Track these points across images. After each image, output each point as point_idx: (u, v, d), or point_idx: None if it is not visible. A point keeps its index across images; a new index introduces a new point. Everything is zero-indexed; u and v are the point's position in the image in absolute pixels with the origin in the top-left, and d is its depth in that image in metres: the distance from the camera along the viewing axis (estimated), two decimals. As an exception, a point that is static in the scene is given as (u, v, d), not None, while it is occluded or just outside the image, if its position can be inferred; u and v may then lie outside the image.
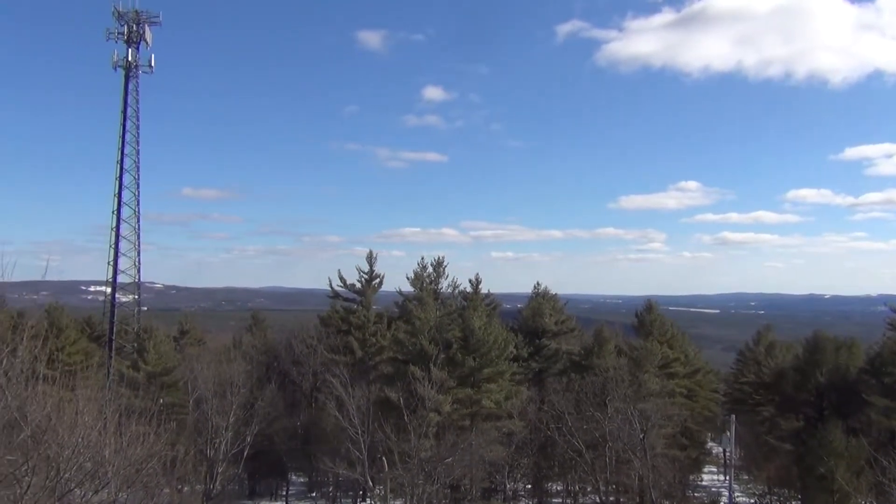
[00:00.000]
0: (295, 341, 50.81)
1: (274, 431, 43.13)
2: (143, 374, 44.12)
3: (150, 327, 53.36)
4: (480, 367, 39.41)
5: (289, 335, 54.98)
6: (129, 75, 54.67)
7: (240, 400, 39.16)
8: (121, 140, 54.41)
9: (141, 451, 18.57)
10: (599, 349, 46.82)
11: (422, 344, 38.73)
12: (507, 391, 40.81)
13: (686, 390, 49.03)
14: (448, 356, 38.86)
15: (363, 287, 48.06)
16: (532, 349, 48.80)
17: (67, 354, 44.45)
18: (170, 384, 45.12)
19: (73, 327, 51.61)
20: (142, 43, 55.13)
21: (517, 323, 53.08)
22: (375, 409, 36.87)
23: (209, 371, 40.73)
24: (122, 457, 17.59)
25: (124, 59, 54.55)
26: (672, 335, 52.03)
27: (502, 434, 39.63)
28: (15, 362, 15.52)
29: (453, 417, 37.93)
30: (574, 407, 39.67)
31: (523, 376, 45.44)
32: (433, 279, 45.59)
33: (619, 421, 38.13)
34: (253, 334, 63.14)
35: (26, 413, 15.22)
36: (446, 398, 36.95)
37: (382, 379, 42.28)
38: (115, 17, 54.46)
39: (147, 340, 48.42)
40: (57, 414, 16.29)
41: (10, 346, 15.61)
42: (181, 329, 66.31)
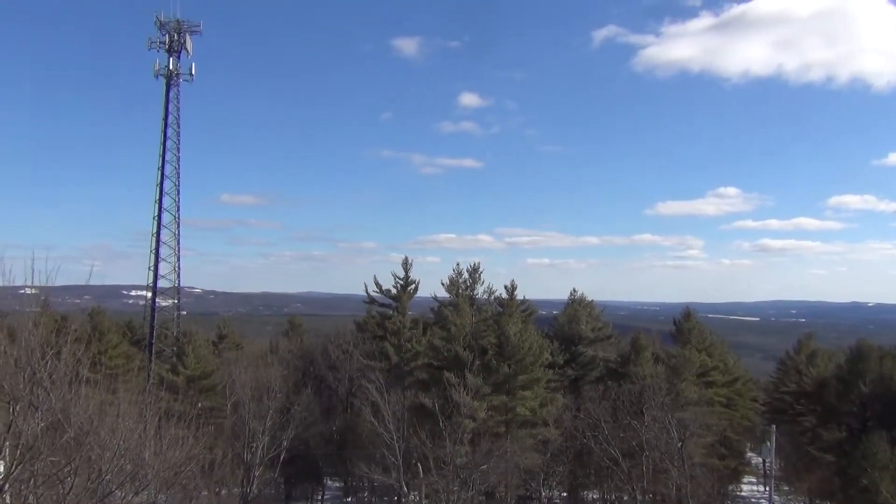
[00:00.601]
0: (331, 346, 51.10)
1: (310, 436, 43.37)
2: (183, 378, 44.72)
3: (189, 332, 54.10)
4: (516, 373, 39.25)
5: (325, 340, 55.31)
6: (170, 84, 55.58)
7: (276, 404, 39.45)
8: (162, 147, 55.34)
9: (180, 453, 18.85)
10: (636, 357, 46.33)
11: (457, 350, 38.68)
12: (543, 398, 40.57)
13: (725, 399, 48.32)
14: (483, 362, 38.76)
15: (399, 293, 48.18)
16: (568, 356, 48.46)
17: (109, 358, 45.12)
18: (208, 388, 45.68)
19: (115, 331, 52.42)
20: (182, 52, 56.01)
21: (553, 330, 52.79)
22: (411, 415, 36.88)
23: (246, 375, 41.12)
24: (161, 459, 17.86)
25: (165, 67, 55.47)
26: (711, 343, 51.34)
27: (538, 441, 39.39)
28: (59, 365, 15.83)
29: (488, 424, 37.79)
30: (610, 415, 39.30)
31: (559, 383, 45.13)
32: (469, 285, 45.51)
33: (656, 429, 37.69)
34: (289, 339, 63.71)
35: (70, 415, 15.52)
36: (481, 405, 36.84)
37: (418, 385, 42.30)
38: (157, 26, 55.44)
39: (186, 345, 49.13)
40: (99, 416, 16.61)
41: (54, 350, 15.92)
42: (219, 334, 67.10)
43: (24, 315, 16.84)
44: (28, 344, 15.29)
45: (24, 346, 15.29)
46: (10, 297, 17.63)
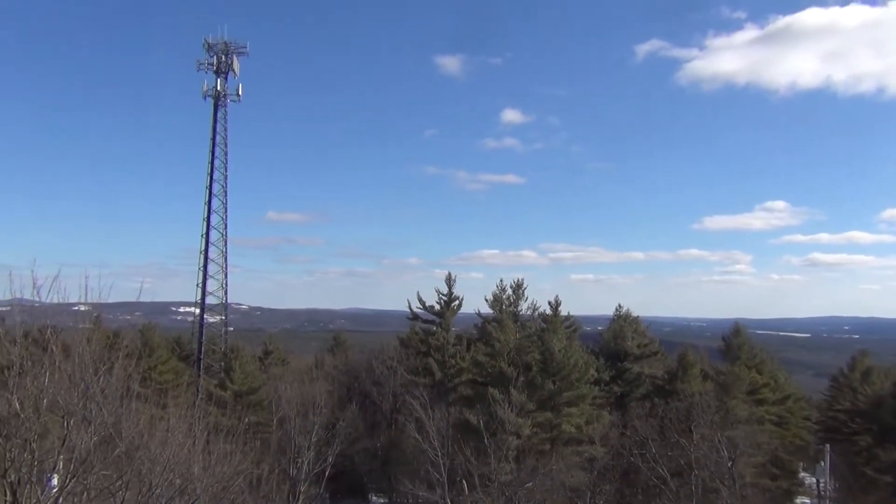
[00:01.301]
0: (375, 362, 51.28)
1: (355, 452, 43.46)
2: (230, 393, 45.25)
3: (236, 347, 54.76)
4: (560, 390, 38.91)
5: (369, 356, 55.53)
6: (217, 104, 56.68)
7: (322, 420, 39.64)
8: (210, 166, 56.38)
9: (228, 468, 19.04)
10: (684, 373, 45.59)
11: (501, 366, 38.52)
12: (588, 415, 40.13)
13: (776, 417, 47.18)
14: (528, 379, 38.52)
15: (442, 309, 48.21)
16: (614, 372, 47.90)
17: (159, 373, 45.85)
18: (255, 403, 46.12)
19: (165, 347, 53.31)
20: (230, 73, 57.08)
21: (598, 346, 52.27)
22: (455, 432, 36.77)
23: (292, 391, 41.39)
24: (210, 474, 18.06)
25: (213, 88, 56.59)
26: (761, 360, 50.28)
27: (583, 459, 38.94)
28: (111, 380, 16.15)
29: (533, 441, 37.50)
30: (658, 433, 38.67)
31: (605, 400, 44.61)
32: (512, 301, 45.38)
33: (705, 448, 36.96)
34: (334, 355, 64.07)
35: (121, 429, 15.80)
36: (526, 421, 36.60)
37: (462, 401, 42.19)
38: (206, 48, 56.63)
39: (234, 360, 49.74)
40: (149, 431, 16.87)
41: (106, 365, 16.26)
42: (265, 349, 67.77)
43: (78, 331, 17.25)
44: (82, 359, 15.64)
45: (77, 361, 15.65)
46: (65, 313, 18.07)
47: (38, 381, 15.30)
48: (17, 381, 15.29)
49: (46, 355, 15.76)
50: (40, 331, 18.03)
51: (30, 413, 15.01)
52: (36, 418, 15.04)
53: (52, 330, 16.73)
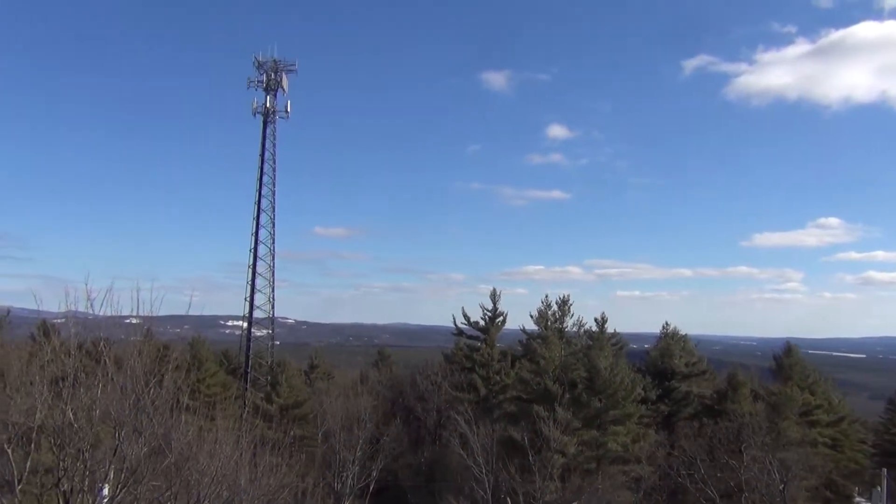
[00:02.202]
0: (420, 378, 51.30)
1: (399, 467, 43.43)
2: (276, 407, 45.65)
3: (282, 361, 55.29)
4: (607, 408, 38.43)
5: (413, 371, 55.55)
6: (266, 121, 57.53)
7: (366, 434, 39.75)
8: (259, 182, 57.17)
9: (274, 481, 19.22)
10: (734, 393, 44.72)
11: (546, 383, 38.21)
12: (635, 434, 39.55)
13: (830, 440, 45.91)
14: (573, 396, 38.13)
15: (487, 325, 48.06)
16: (661, 391, 47.18)
17: (207, 386, 46.43)
18: (300, 417, 46.44)
19: (213, 360, 54.00)
20: (279, 90, 57.96)
21: (645, 364, 51.58)
22: (500, 449, 36.52)
23: (337, 405, 41.63)
24: (256, 486, 18.24)
25: (263, 105, 57.48)
26: (814, 380, 49.06)
27: (630, 479, 38.34)
28: (161, 392, 16.43)
29: (579, 460, 37.05)
30: (707, 453, 37.91)
31: (651, 419, 43.95)
32: (558, 318, 45.03)
33: (756, 470, 36.10)
34: (379, 370, 64.22)
35: (171, 441, 16.05)
36: (571, 439, 36.19)
37: (506, 418, 41.92)
38: (256, 66, 57.65)
39: (280, 374, 50.23)
40: (198, 443, 17.10)
41: (157, 377, 16.55)
42: (311, 363, 68.24)
43: (129, 343, 17.61)
44: (133, 371, 15.95)
45: (129, 373, 15.96)
46: (117, 326, 18.47)
47: (92, 392, 15.65)
48: (72, 392, 15.66)
49: (99, 367, 16.11)
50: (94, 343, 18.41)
51: (83, 423, 15.34)
52: (89, 429, 15.36)
53: (105, 342, 17.09)
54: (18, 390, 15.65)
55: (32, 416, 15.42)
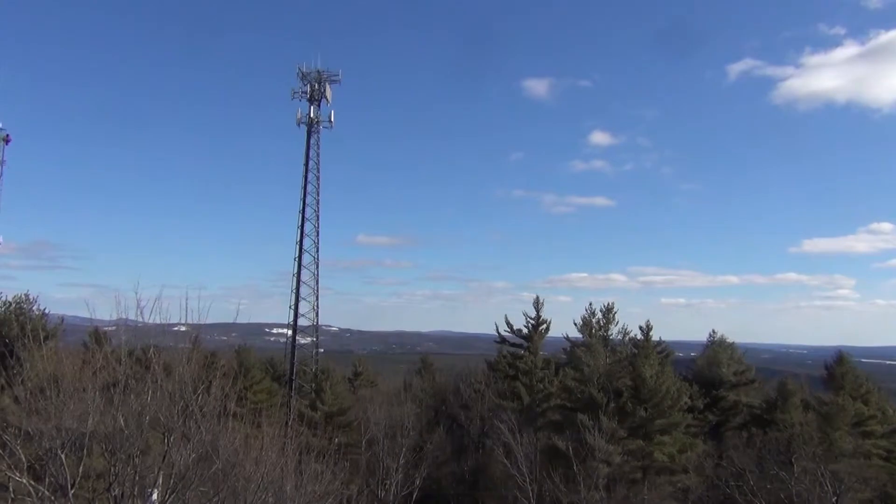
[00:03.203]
0: (463, 385, 51.22)
1: (442, 475, 43.38)
2: (321, 414, 45.95)
3: (327, 369, 55.64)
4: (653, 417, 37.92)
5: (457, 379, 55.49)
6: (310, 131, 58.10)
7: (410, 442, 39.83)
8: (303, 191, 57.69)
9: (319, 488, 19.34)
10: (783, 403, 43.76)
11: (591, 392, 37.87)
12: (682, 444, 38.94)
13: (885, 452, 44.57)
14: (618, 405, 37.72)
15: (530, 332, 47.81)
16: (708, 400, 46.41)
17: (253, 393, 46.89)
18: (344, 424, 46.68)
19: (258, 367, 54.57)
20: (322, 100, 58.53)
21: (691, 372, 50.83)
22: (543, 457, 36.29)
23: (381, 412, 41.79)
24: (301, 493, 18.37)
25: (307, 116, 58.11)
26: (867, 390, 47.74)
27: (677, 489, 37.76)
28: (209, 399, 16.69)
29: (624, 469, 36.61)
30: (756, 464, 37.11)
31: (699, 429, 43.25)
32: (602, 325, 44.59)
33: (807, 482, 35.22)
34: (422, 377, 64.26)
35: (218, 447, 16.27)
36: (616, 449, 35.78)
37: (550, 426, 41.62)
38: (300, 77, 58.31)
39: (324, 381, 50.56)
40: (244, 449, 17.31)
41: (205, 384, 16.81)
42: (355, 371, 68.60)
43: (178, 351, 17.92)
44: (182, 378, 16.23)
45: (178, 380, 16.24)
46: (166, 333, 18.80)
47: (142, 398, 15.96)
48: (122, 399, 15.98)
49: (149, 374, 16.42)
50: (143, 350, 18.79)
51: (133, 429, 15.64)
52: (139, 434, 15.66)
53: (154, 349, 17.42)
54: (72, 396, 16.02)
55: (85, 422, 15.77)
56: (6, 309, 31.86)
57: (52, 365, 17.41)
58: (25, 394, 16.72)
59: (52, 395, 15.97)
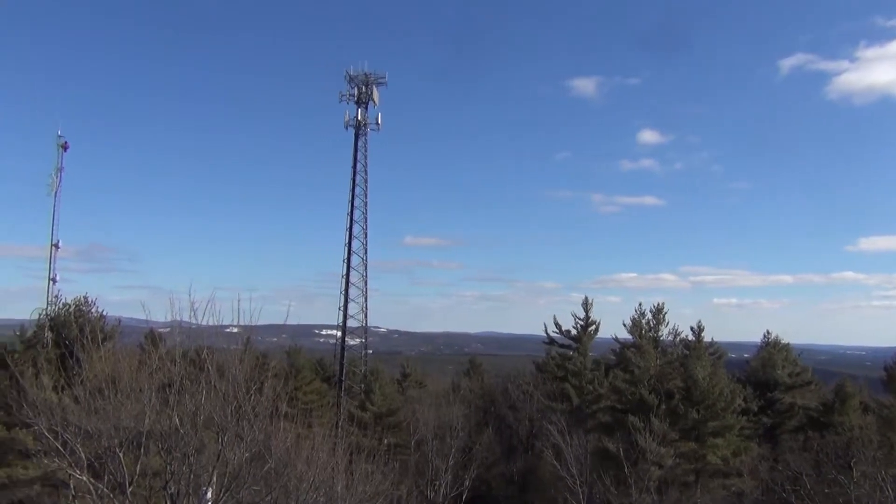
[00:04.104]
0: (511, 386, 51.11)
1: (491, 477, 43.32)
2: (370, 415, 46.28)
3: (375, 370, 56.04)
4: (705, 419, 37.31)
5: (505, 380, 55.40)
6: (358, 133, 58.56)
7: (459, 443, 39.87)
8: (351, 193, 58.16)
9: (369, 488, 19.47)
10: (842, 405, 42.68)
11: (641, 393, 37.42)
12: (736, 447, 38.22)
13: (949, 456, 43.19)
14: (669, 407, 37.20)
15: (579, 333, 47.50)
16: (762, 403, 45.50)
17: (304, 394, 47.40)
18: (393, 425, 46.93)
19: (309, 368, 55.18)
20: (370, 103, 58.94)
21: (744, 374, 49.84)
22: (594, 460, 35.95)
23: (429, 413, 41.93)
24: (352, 493, 18.52)
25: (354, 118, 58.56)
26: (930, 392, 46.25)
27: (731, 493, 37.10)
28: (261, 399, 16.92)
29: (676, 472, 36.09)
30: (813, 468, 36.22)
31: (753, 431, 42.40)
32: (652, 326, 44.04)
33: (867, 487, 34.19)
34: (470, 378, 64.33)
35: (270, 447, 16.50)
36: (668, 451, 35.29)
37: (600, 428, 41.25)
38: (347, 80, 58.82)
39: (373, 382, 50.93)
40: (296, 449, 17.52)
41: (256, 385, 17.06)
42: (403, 372, 69.00)
43: (230, 352, 18.22)
44: (234, 379, 16.49)
45: (230, 381, 16.51)
46: (219, 335, 19.14)
47: (196, 398, 16.26)
48: (177, 399, 16.31)
49: (203, 375, 16.71)
50: (197, 351, 19.12)
51: (188, 429, 15.95)
52: (193, 434, 15.96)
53: (207, 350, 17.73)
54: (129, 396, 16.40)
55: (142, 421, 16.14)
56: (66, 311, 32.69)
57: (109, 366, 17.84)
58: (85, 394, 17.18)
59: (110, 395, 16.37)
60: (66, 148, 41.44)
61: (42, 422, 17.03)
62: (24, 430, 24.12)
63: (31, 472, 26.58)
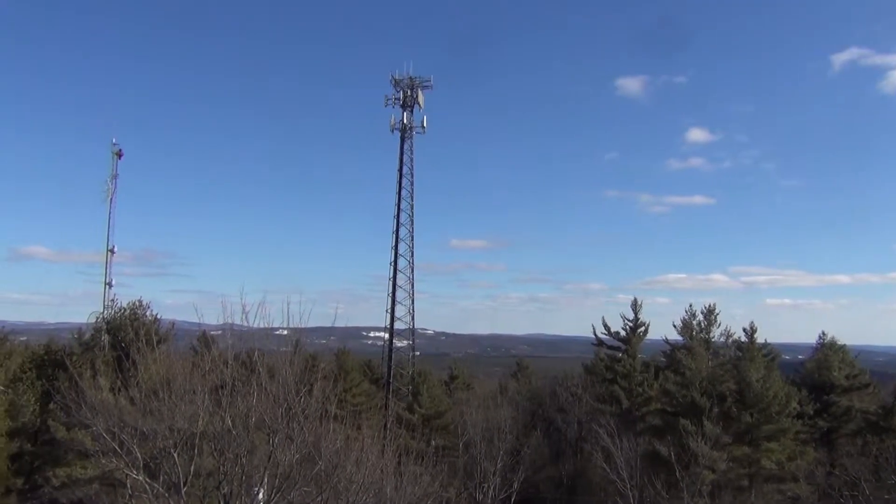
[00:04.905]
0: (559, 389, 50.76)
1: (540, 479, 43.05)
2: (418, 417, 46.39)
3: (423, 372, 56.15)
4: (759, 423, 36.56)
5: (553, 382, 55.05)
6: (404, 137, 58.78)
7: (507, 446, 39.71)
8: (397, 196, 58.36)
9: (418, 490, 19.52)
10: (902, 408, 41.39)
11: (693, 396, 36.84)
12: (791, 451, 37.39)
13: None
14: (722, 410, 36.55)
15: (628, 335, 46.99)
16: (818, 406, 44.34)
17: (353, 396, 47.72)
18: (441, 427, 46.98)
19: (357, 371, 55.54)
20: (415, 106, 59.17)
21: (799, 376, 48.69)
22: (644, 463, 35.51)
23: (477, 415, 41.85)
24: (401, 495, 18.59)
25: (400, 122, 58.84)
26: None
27: (786, 498, 36.27)
28: (311, 401, 17.09)
29: (729, 476, 35.44)
30: (872, 473, 35.21)
31: (809, 435, 41.41)
32: (703, 327, 43.42)
33: (930, 493, 33.22)
34: (518, 381, 64.03)
35: (320, 448, 16.65)
36: (721, 455, 34.67)
37: (651, 431, 40.74)
38: (392, 84, 59.12)
39: (421, 384, 51.05)
40: (345, 450, 17.64)
41: (306, 387, 17.23)
42: (451, 374, 68.98)
43: (280, 354, 18.45)
44: (285, 381, 16.69)
45: (281, 383, 16.72)
46: (269, 337, 19.40)
47: (247, 400, 16.50)
48: (230, 400, 16.56)
49: (254, 377, 16.96)
50: (248, 353, 19.41)
51: (240, 430, 16.19)
52: (245, 435, 16.19)
53: (258, 353, 17.98)
54: (182, 398, 16.72)
55: (195, 423, 16.43)
56: (122, 314, 33.50)
57: (164, 368, 18.22)
58: (140, 395, 17.57)
59: (164, 396, 16.71)
60: (121, 156, 42.49)
61: (100, 422, 17.46)
62: (83, 430, 24.73)
63: (90, 471, 27.30)
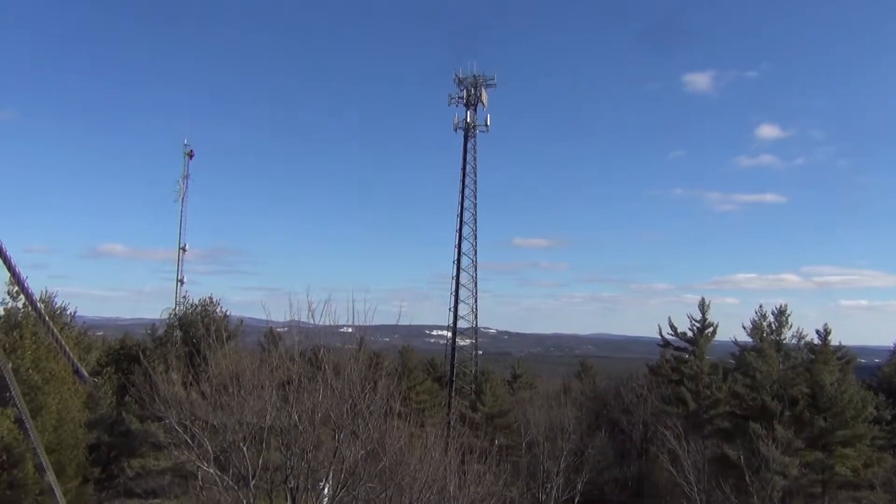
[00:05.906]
0: (624, 389, 50.06)
1: (604, 481, 42.58)
2: (481, 415, 46.41)
3: (486, 370, 56.14)
4: (833, 428, 35.41)
5: (617, 383, 54.34)
6: (467, 135, 58.88)
7: (570, 446, 39.39)
8: (461, 195, 58.54)
9: (481, 489, 19.50)
10: None
11: (763, 399, 35.92)
12: (867, 457, 36.10)
13: None
14: (794, 414, 35.54)
15: (695, 335, 46.04)
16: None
17: (416, 393, 48.04)
18: (504, 426, 46.89)
19: (420, 369, 55.86)
20: (479, 105, 59.19)
21: (876, 380, 46.97)
22: (712, 466, 34.78)
23: (540, 415, 41.61)
24: (464, 493, 18.60)
25: (463, 121, 58.93)
26: None
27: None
28: (375, 398, 17.27)
29: (801, 483, 34.44)
30: (955, 482, 33.79)
31: (886, 442, 39.88)
32: (774, 329, 42.17)
33: None
34: (581, 381, 63.42)
35: (385, 444, 16.80)
36: (793, 460, 33.71)
37: (719, 434, 39.88)
38: (456, 83, 59.27)
39: (484, 383, 51.06)
40: (409, 448, 17.77)
41: (370, 384, 17.42)
42: (514, 373, 68.77)
43: (345, 351, 18.70)
44: (350, 378, 16.90)
45: (346, 379, 16.93)
46: (334, 334, 19.67)
47: (313, 396, 16.76)
48: (296, 396, 16.86)
49: (319, 373, 17.22)
50: (314, 350, 19.72)
51: (306, 426, 16.47)
52: (311, 430, 16.46)
53: (324, 350, 18.25)
54: (251, 393, 17.09)
55: (263, 417, 16.78)
56: (193, 311, 34.45)
57: (233, 363, 18.65)
58: (211, 390, 18.03)
59: (234, 391, 17.11)
60: (192, 156, 43.89)
61: (172, 415, 17.99)
62: (156, 423, 25.53)
63: (163, 462, 28.17)
